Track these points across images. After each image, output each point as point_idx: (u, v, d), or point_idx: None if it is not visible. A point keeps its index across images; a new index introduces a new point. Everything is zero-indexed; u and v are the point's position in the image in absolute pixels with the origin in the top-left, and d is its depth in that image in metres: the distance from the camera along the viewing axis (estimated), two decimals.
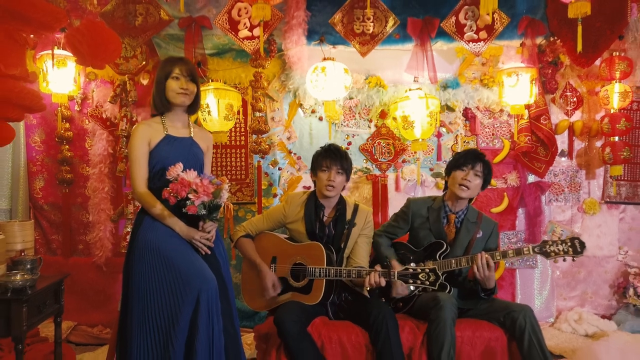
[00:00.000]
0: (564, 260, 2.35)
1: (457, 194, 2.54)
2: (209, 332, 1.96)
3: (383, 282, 2.34)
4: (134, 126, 2.26)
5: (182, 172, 2.02)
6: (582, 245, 2.30)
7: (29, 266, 2.31)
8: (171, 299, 1.96)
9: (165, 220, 2.08)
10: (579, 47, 2.77)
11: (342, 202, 2.64)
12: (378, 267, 2.38)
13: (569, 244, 2.31)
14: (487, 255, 2.37)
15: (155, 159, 2.13)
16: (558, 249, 2.32)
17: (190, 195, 1.97)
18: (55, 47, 3.25)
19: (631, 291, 3.84)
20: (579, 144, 4.02)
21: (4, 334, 2.15)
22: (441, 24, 3.43)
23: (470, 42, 3.44)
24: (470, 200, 2.64)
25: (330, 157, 2.55)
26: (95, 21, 2.88)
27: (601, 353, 2.91)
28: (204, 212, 2.01)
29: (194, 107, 2.28)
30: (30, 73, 2.49)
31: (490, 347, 2.37)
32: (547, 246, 2.34)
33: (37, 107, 2.49)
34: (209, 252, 2.13)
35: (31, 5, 2.25)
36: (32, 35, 2.59)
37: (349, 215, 2.62)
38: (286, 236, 2.71)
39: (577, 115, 3.96)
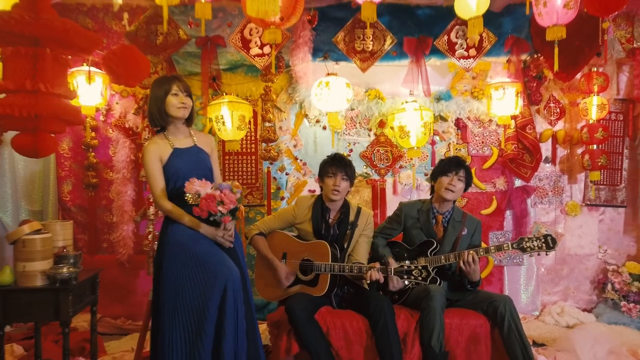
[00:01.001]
0: (539, 254, 2.63)
1: (444, 196, 2.81)
2: (234, 316, 2.19)
3: (382, 278, 2.57)
4: (144, 147, 2.41)
5: (198, 185, 2.18)
6: (554, 241, 2.56)
7: (72, 260, 2.56)
8: (202, 289, 2.19)
9: (195, 227, 2.30)
10: (556, 67, 3.06)
11: (346, 205, 2.86)
12: (377, 264, 2.61)
13: (543, 240, 2.56)
14: (472, 252, 2.63)
15: (169, 172, 2.32)
16: (533, 245, 2.57)
17: (220, 208, 2.16)
18: (84, 64, 3.55)
19: (609, 287, 4.11)
20: (561, 151, 4.28)
21: (52, 318, 2.44)
22: (434, 42, 3.72)
23: (461, 59, 3.72)
24: (454, 201, 2.91)
25: (336, 164, 2.77)
26: (128, 45, 3.18)
27: (577, 341, 3.20)
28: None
29: (190, 119, 2.44)
30: (71, 91, 2.79)
31: (475, 332, 2.60)
32: (524, 242, 2.59)
33: (77, 121, 2.79)
34: (232, 246, 2.37)
35: (74, 33, 2.56)
36: (69, 57, 2.89)
37: (352, 217, 2.84)
38: (295, 234, 2.93)
39: (560, 125, 4.23)
